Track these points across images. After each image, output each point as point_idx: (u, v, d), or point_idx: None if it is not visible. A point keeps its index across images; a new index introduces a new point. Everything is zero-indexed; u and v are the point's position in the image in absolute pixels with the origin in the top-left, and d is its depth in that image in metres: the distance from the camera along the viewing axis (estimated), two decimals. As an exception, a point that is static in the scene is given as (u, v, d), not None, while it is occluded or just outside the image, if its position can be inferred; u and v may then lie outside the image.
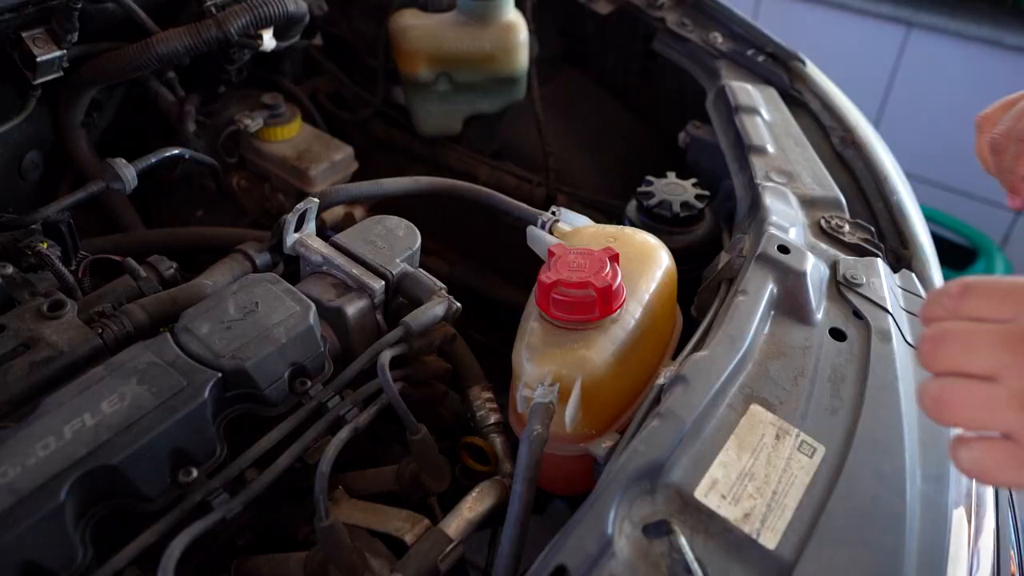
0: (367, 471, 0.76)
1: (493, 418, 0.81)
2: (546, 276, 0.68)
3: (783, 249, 0.77)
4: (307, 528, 0.73)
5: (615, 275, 0.68)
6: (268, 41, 0.96)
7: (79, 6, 0.83)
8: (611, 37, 1.25)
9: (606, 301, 0.67)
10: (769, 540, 0.56)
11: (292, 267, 0.88)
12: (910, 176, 1.07)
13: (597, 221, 1.12)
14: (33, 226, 0.80)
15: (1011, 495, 0.78)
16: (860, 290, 0.78)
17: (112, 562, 0.54)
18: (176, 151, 0.88)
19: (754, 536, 0.56)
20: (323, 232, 0.82)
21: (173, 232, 0.94)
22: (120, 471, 0.56)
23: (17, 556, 0.51)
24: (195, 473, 0.60)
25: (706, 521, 0.57)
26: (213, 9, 0.93)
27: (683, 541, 0.55)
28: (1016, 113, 0.68)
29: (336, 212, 1.05)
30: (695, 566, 0.54)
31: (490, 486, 0.69)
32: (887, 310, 0.76)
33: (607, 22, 1.20)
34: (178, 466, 0.60)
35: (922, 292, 0.83)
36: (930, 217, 2.50)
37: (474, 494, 0.67)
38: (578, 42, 1.32)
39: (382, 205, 1.18)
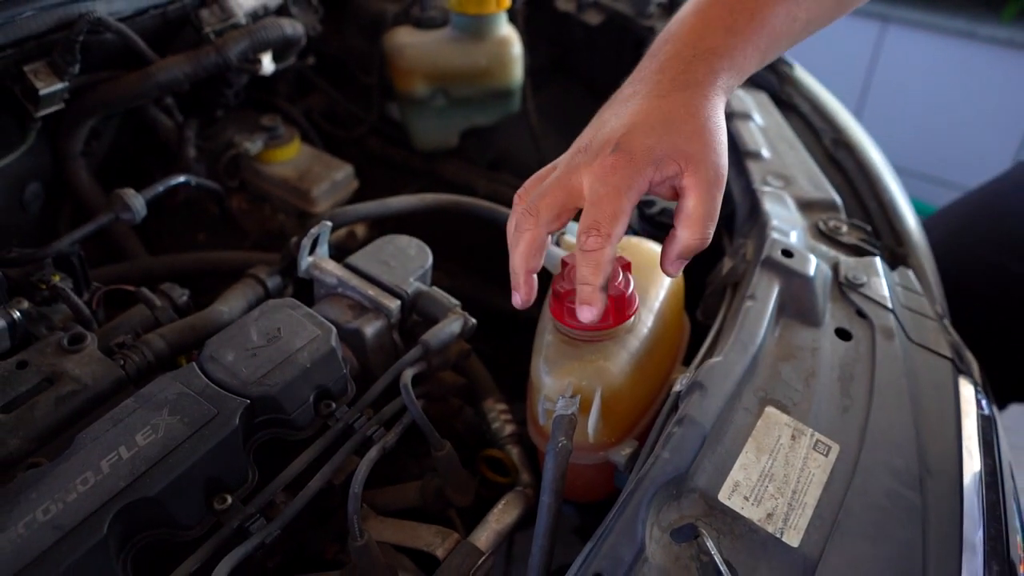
0: (389, 488, 0.77)
1: (508, 429, 0.83)
2: (560, 286, 0.69)
3: (787, 253, 0.79)
4: (335, 547, 0.74)
5: (628, 283, 0.70)
6: (267, 65, 0.97)
7: (80, 39, 0.84)
8: (601, 46, 1.27)
9: (620, 309, 0.69)
10: (793, 538, 0.58)
11: (297, 287, 0.89)
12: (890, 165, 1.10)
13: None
14: (45, 260, 0.80)
15: (1013, 477, 0.81)
16: (862, 290, 0.80)
17: (156, 591, 0.55)
18: (182, 179, 0.89)
19: (778, 535, 0.58)
20: (330, 252, 0.83)
21: (178, 258, 0.95)
22: (159, 502, 0.56)
23: (63, 591, 0.52)
24: (230, 500, 0.61)
25: (731, 523, 0.59)
26: (211, 35, 0.94)
27: (711, 543, 0.57)
28: (555, 206, 0.65)
29: (338, 232, 1.06)
30: (723, 567, 0.55)
31: (515, 497, 0.70)
32: (889, 308, 0.79)
33: (597, 32, 1.21)
34: (212, 493, 0.61)
35: (919, 289, 0.85)
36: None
37: (500, 506, 0.69)
38: (569, 51, 1.34)
39: (383, 221, 1.19)
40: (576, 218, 0.67)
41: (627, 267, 0.72)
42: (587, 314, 0.63)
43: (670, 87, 0.64)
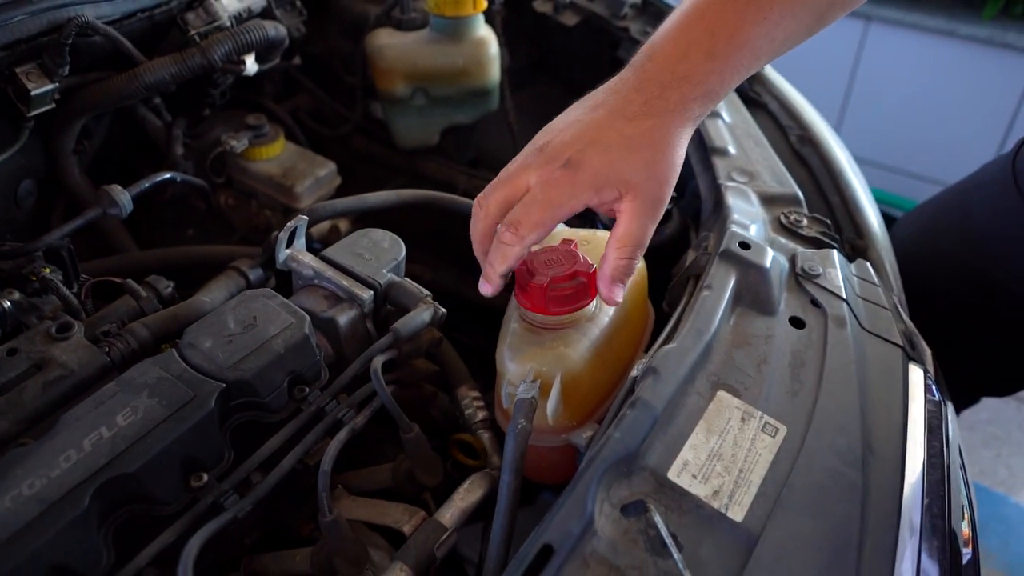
0: (363, 470, 0.81)
1: (480, 415, 0.86)
2: (539, 281, 0.71)
3: (744, 245, 0.82)
4: (310, 526, 0.77)
5: (587, 258, 0.73)
6: (251, 66, 1.00)
7: (70, 42, 0.87)
8: (579, 46, 1.31)
9: (591, 283, 0.72)
10: (736, 514, 0.61)
11: (281, 280, 0.93)
12: (873, 163, 1.13)
13: (571, 223, 1.18)
14: (36, 253, 0.84)
15: (962, 459, 0.84)
16: (818, 280, 0.83)
17: (134, 562, 0.59)
18: (168, 175, 0.92)
19: (723, 511, 0.62)
20: (311, 245, 0.86)
21: (166, 252, 0.98)
22: (137, 478, 0.60)
23: (47, 560, 0.56)
24: (206, 478, 0.64)
25: (679, 499, 0.62)
26: (197, 38, 0.98)
27: (658, 518, 0.60)
28: (501, 202, 0.69)
29: (322, 226, 1.10)
30: (669, 540, 0.59)
31: (480, 478, 0.74)
32: (842, 298, 0.82)
33: (574, 33, 1.25)
34: (190, 471, 0.64)
35: (875, 280, 0.89)
36: (892, 202, 2.59)
37: (465, 486, 0.72)
38: (548, 51, 1.38)
39: (365, 216, 1.23)
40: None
41: (575, 245, 0.75)
42: (485, 288, 0.69)
43: (639, 111, 0.67)
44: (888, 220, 1.07)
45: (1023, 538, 1.92)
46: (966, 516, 0.86)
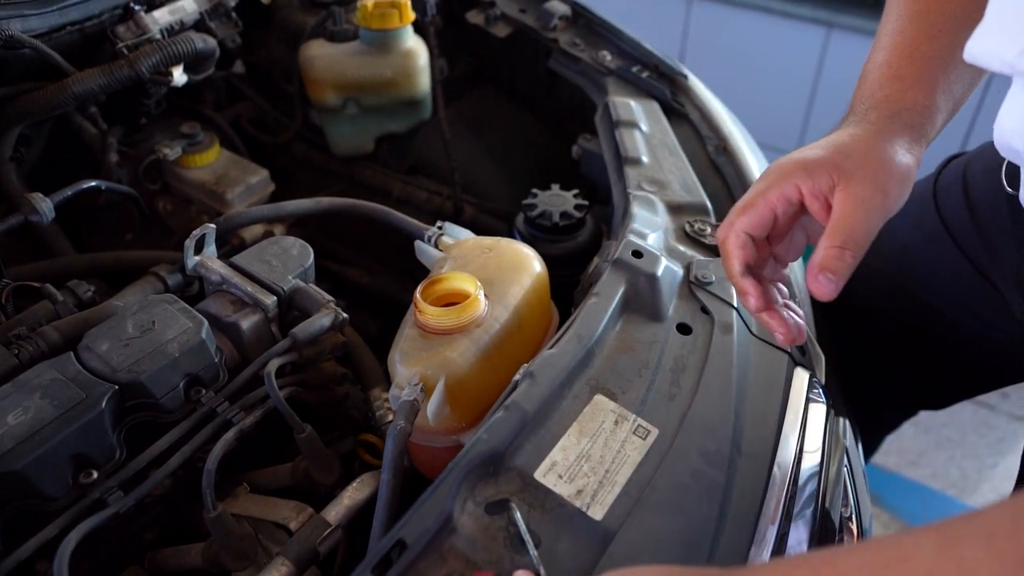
0: (268, 469, 0.84)
1: (390, 417, 0.89)
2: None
3: (637, 254, 0.85)
4: (212, 522, 0.81)
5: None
6: (179, 77, 1.03)
7: (-3, 54, 0.91)
8: (515, 56, 1.34)
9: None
10: (597, 512, 0.65)
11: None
12: None
13: (501, 230, 1.21)
14: (-42, 258, 0.87)
15: (851, 460, 0.87)
16: (710, 288, 0.87)
17: (16, 554, 0.62)
18: (93, 183, 0.96)
19: (584, 509, 0.65)
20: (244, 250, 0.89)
21: (96, 256, 1.02)
22: (23, 475, 0.63)
23: (-68, 552, 0.59)
24: (95, 475, 0.68)
25: (543, 498, 0.65)
26: (125, 50, 1.01)
27: (518, 515, 0.63)
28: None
29: (256, 231, 1.13)
30: (526, 536, 0.62)
31: (370, 477, 0.77)
32: (732, 305, 0.85)
33: (509, 43, 1.28)
34: (80, 469, 0.68)
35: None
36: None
37: (354, 485, 0.75)
38: (487, 61, 1.41)
39: (304, 221, 1.26)
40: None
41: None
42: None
43: (845, 128, 0.73)
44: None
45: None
46: (851, 516, 0.89)
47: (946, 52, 0.75)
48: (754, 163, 1.10)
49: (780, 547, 0.72)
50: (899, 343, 1.19)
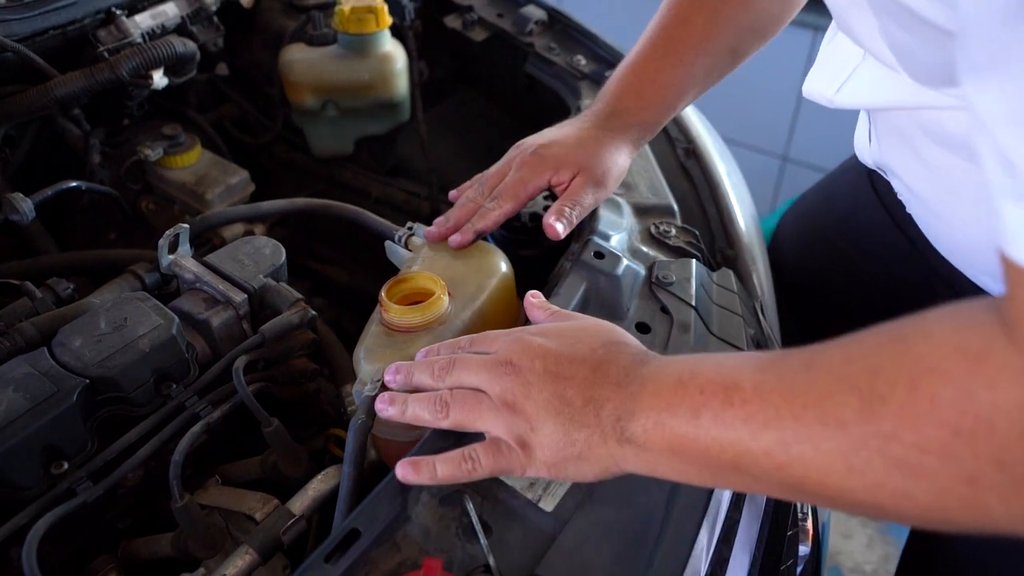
0: (239, 462, 0.86)
1: (360, 412, 0.92)
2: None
3: (599, 255, 0.88)
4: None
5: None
6: (159, 80, 1.06)
7: (-22, 58, 0.93)
8: (494, 59, 1.37)
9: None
10: (548, 504, 0.67)
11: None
12: (825, 171, 1.20)
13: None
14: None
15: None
16: (671, 288, 0.89)
17: (-15, 541, 0.65)
18: (73, 184, 0.98)
19: (536, 501, 0.67)
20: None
21: (78, 255, 1.04)
22: (-5, 466, 0.66)
23: (-97, 538, 0.62)
24: (66, 466, 0.70)
25: (496, 490, 0.68)
26: (106, 54, 1.04)
27: (470, 506, 0.66)
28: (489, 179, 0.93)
29: (236, 230, 1.15)
30: (478, 526, 0.65)
31: (335, 469, 0.79)
32: (691, 305, 0.88)
33: (487, 47, 1.31)
34: (51, 460, 0.70)
35: (734, 288, 0.94)
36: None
37: (319, 477, 0.78)
38: (467, 63, 1.44)
39: (285, 220, 1.29)
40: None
41: None
42: (455, 240, 0.88)
43: (590, 126, 0.93)
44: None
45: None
46: (809, 515, 0.92)
47: (684, 78, 0.94)
48: (721, 166, 1.12)
49: (729, 534, 0.75)
50: (854, 316, 1.21)
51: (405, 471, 0.63)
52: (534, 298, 0.76)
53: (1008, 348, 0.40)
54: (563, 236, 0.86)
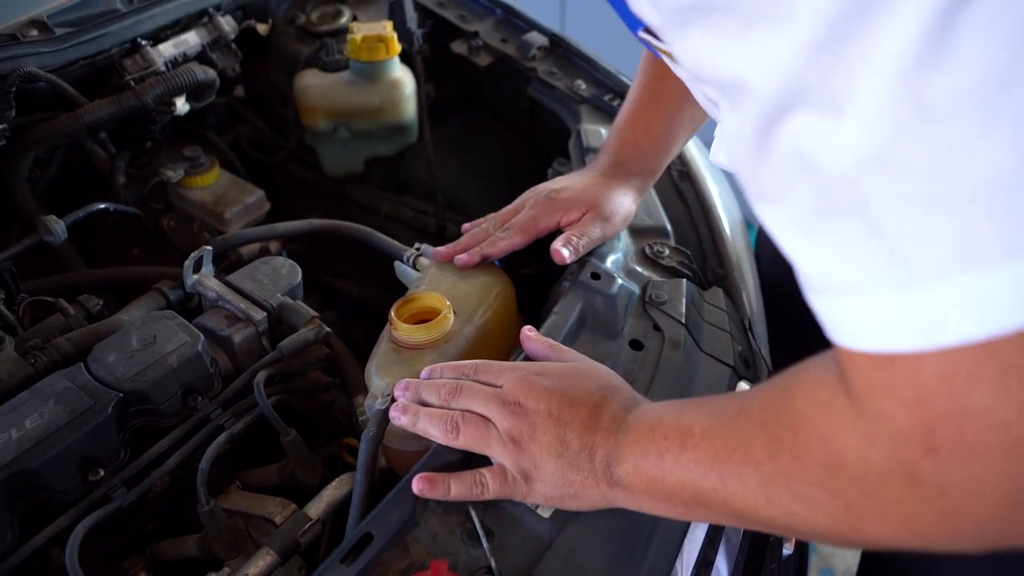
0: (259, 469, 0.92)
1: (371, 423, 0.98)
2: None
3: (595, 276, 0.93)
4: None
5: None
6: (181, 106, 1.12)
7: (14, 89, 1.00)
8: (498, 83, 1.43)
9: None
10: (546, 511, 0.72)
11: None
12: None
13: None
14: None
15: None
16: (663, 307, 0.94)
17: (32, 542, 0.71)
18: (102, 205, 1.05)
19: (534, 508, 0.73)
20: (241, 265, 0.98)
21: (105, 272, 1.11)
22: (39, 472, 0.72)
23: (-41, 538, 0.68)
24: (102, 473, 0.77)
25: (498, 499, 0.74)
26: (132, 82, 1.10)
27: (474, 513, 0.72)
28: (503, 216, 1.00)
29: (253, 247, 1.21)
30: (480, 531, 0.70)
31: (349, 477, 0.85)
32: (682, 323, 0.93)
33: (492, 70, 1.37)
34: (88, 467, 0.76)
35: (723, 306, 1.00)
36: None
37: (334, 484, 0.84)
38: (472, 86, 1.50)
39: (300, 238, 1.35)
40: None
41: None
42: (463, 260, 0.94)
43: (597, 175, 1.01)
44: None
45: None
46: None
47: (673, 125, 1.02)
48: (714, 188, 1.18)
49: (714, 538, 0.81)
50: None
51: (422, 486, 0.70)
52: (530, 332, 0.82)
53: (846, 399, 0.45)
54: (568, 262, 0.92)
